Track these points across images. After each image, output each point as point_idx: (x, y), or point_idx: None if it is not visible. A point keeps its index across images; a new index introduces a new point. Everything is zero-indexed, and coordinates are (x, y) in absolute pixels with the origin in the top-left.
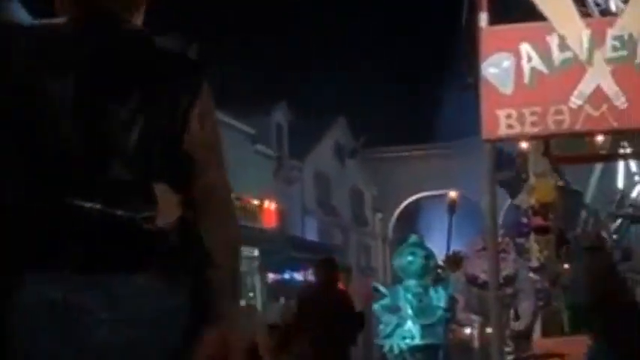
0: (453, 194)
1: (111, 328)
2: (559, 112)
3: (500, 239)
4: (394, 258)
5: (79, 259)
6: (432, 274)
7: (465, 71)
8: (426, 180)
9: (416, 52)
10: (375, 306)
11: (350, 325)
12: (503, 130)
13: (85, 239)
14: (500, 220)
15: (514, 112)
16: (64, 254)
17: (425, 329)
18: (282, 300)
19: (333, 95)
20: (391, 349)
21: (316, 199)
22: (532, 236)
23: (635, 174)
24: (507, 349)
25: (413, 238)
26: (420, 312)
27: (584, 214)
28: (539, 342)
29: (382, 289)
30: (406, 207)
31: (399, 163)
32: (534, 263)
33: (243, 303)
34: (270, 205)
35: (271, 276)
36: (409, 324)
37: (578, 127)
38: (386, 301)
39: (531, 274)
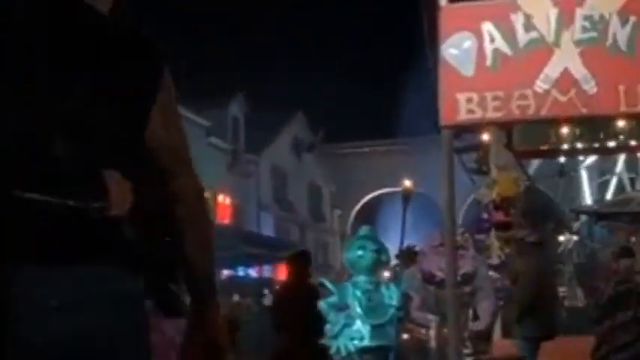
0: (407, 184)
1: (62, 319)
2: (524, 96)
3: (459, 236)
4: (344, 252)
5: (30, 251)
6: (383, 269)
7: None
8: (386, 176)
9: (378, 46)
10: (321, 303)
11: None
12: (463, 116)
13: (37, 231)
14: (461, 217)
15: (475, 96)
16: (14, 248)
17: (375, 329)
18: (235, 297)
19: (293, 89)
20: (338, 350)
21: (273, 195)
22: (492, 232)
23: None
24: (466, 351)
25: (363, 230)
26: (370, 311)
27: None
28: (500, 343)
29: (329, 285)
30: (365, 204)
31: (359, 159)
32: (494, 260)
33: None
34: (224, 200)
35: (225, 272)
36: (358, 324)
37: (544, 112)
38: (333, 299)
39: (491, 272)
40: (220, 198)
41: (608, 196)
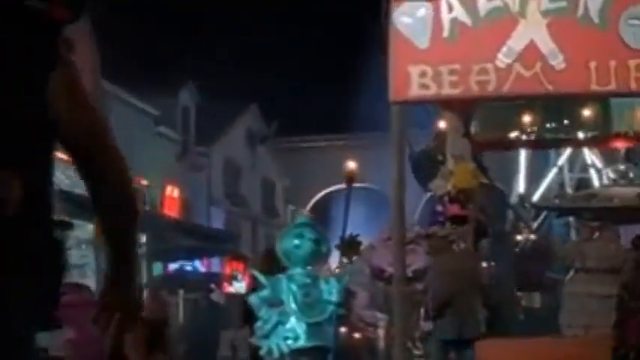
0: (351, 165)
1: None
2: (484, 71)
3: (415, 230)
4: (278, 241)
5: None
6: (323, 261)
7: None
8: (342, 172)
9: (335, 38)
10: (252, 298)
11: None
12: (415, 91)
13: None
14: (418, 213)
15: (429, 70)
16: None
17: (311, 328)
18: (181, 292)
19: (247, 80)
20: (270, 351)
21: (224, 188)
22: (447, 226)
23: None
24: (416, 352)
25: (302, 217)
26: (307, 307)
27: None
28: None
29: (261, 277)
30: (320, 199)
31: (314, 154)
32: None
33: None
34: (172, 192)
35: (172, 267)
36: (292, 322)
37: (505, 89)
38: (265, 293)
39: None
40: (168, 190)
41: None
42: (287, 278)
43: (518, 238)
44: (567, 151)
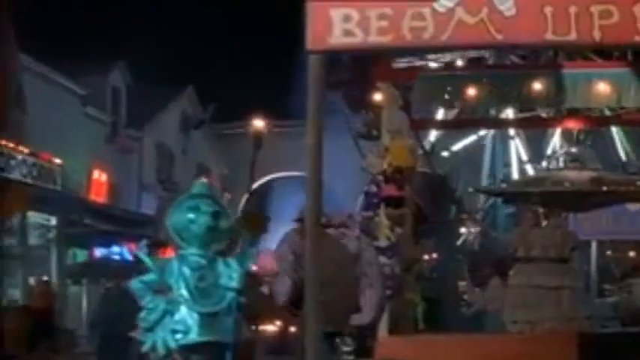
0: (258, 124)
1: None
2: (419, 16)
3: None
4: (168, 215)
5: None
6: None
7: None
8: (282, 160)
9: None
10: (134, 283)
11: None
12: (337, 38)
13: None
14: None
15: (355, 14)
16: None
17: (206, 320)
18: (103, 281)
19: (184, 63)
20: (154, 347)
21: (157, 174)
22: (382, 209)
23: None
24: (345, 349)
25: (198, 186)
26: (201, 294)
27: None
28: (386, 341)
29: (145, 258)
30: (259, 188)
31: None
32: (383, 243)
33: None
34: (100, 176)
35: (97, 253)
36: (183, 312)
37: (445, 37)
38: (151, 277)
39: (380, 257)
40: (95, 174)
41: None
42: (178, 260)
43: (463, 230)
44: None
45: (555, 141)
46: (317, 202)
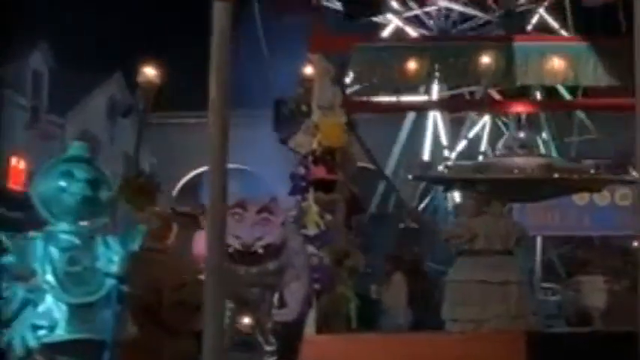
0: (148, 73)
1: None
2: None
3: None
4: (34, 182)
5: None
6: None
7: None
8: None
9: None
10: None
11: None
12: None
13: None
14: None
15: None
16: None
17: (78, 313)
18: None
19: (113, 48)
20: (10, 344)
21: None
22: (311, 193)
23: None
24: (268, 348)
25: (73, 148)
26: (73, 282)
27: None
28: (314, 339)
29: (3, 238)
30: (189, 181)
31: (185, 131)
32: (312, 230)
33: None
34: (18, 163)
35: None
36: (49, 302)
37: None
38: (8, 259)
39: (308, 247)
40: (14, 161)
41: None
42: (45, 238)
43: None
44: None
45: (486, 122)
46: (220, 183)
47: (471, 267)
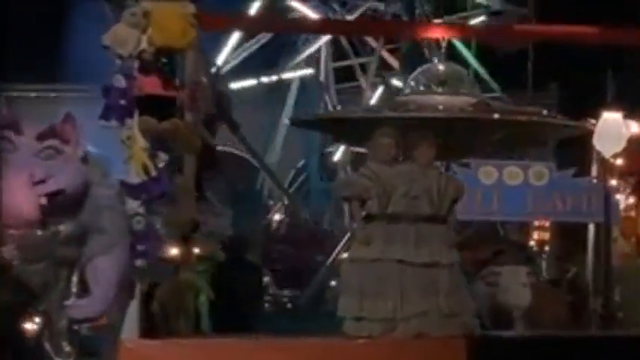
0: None
1: None
2: None
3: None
4: None
5: None
6: None
7: None
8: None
9: None
10: None
11: None
12: None
13: None
14: None
15: None
16: None
17: None
18: None
19: None
20: None
21: None
22: (135, 117)
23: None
24: (67, 349)
25: None
26: None
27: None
28: (136, 344)
29: None
30: None
31: (21, 106)
32: (134, 177)
33: None
34: None
35: None
36: None
37: None
38: None
39: (128, 201)
40: None
41: None
42: None
43: (277, 217)
44: None
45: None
46: None
47: (383, 239)
